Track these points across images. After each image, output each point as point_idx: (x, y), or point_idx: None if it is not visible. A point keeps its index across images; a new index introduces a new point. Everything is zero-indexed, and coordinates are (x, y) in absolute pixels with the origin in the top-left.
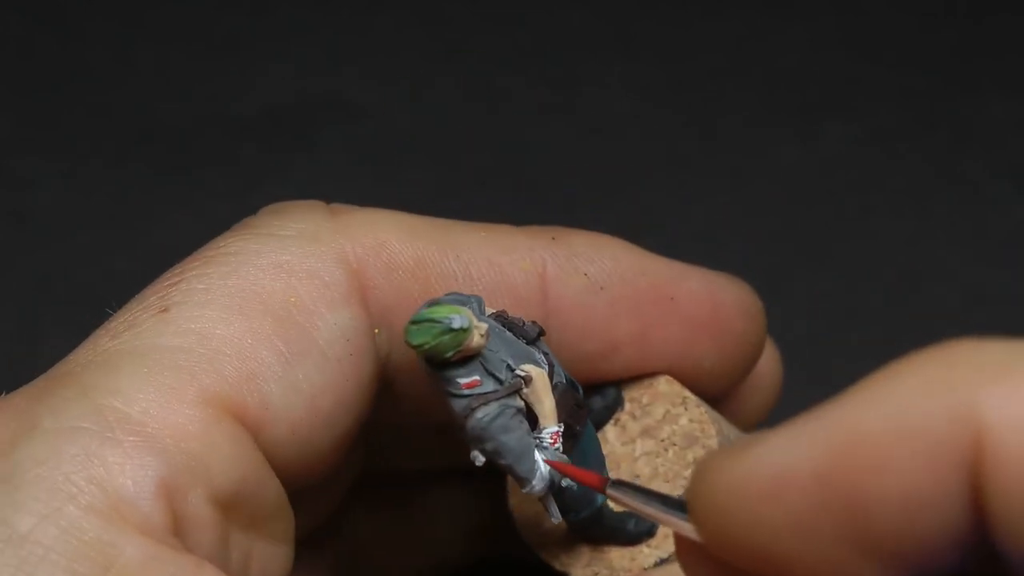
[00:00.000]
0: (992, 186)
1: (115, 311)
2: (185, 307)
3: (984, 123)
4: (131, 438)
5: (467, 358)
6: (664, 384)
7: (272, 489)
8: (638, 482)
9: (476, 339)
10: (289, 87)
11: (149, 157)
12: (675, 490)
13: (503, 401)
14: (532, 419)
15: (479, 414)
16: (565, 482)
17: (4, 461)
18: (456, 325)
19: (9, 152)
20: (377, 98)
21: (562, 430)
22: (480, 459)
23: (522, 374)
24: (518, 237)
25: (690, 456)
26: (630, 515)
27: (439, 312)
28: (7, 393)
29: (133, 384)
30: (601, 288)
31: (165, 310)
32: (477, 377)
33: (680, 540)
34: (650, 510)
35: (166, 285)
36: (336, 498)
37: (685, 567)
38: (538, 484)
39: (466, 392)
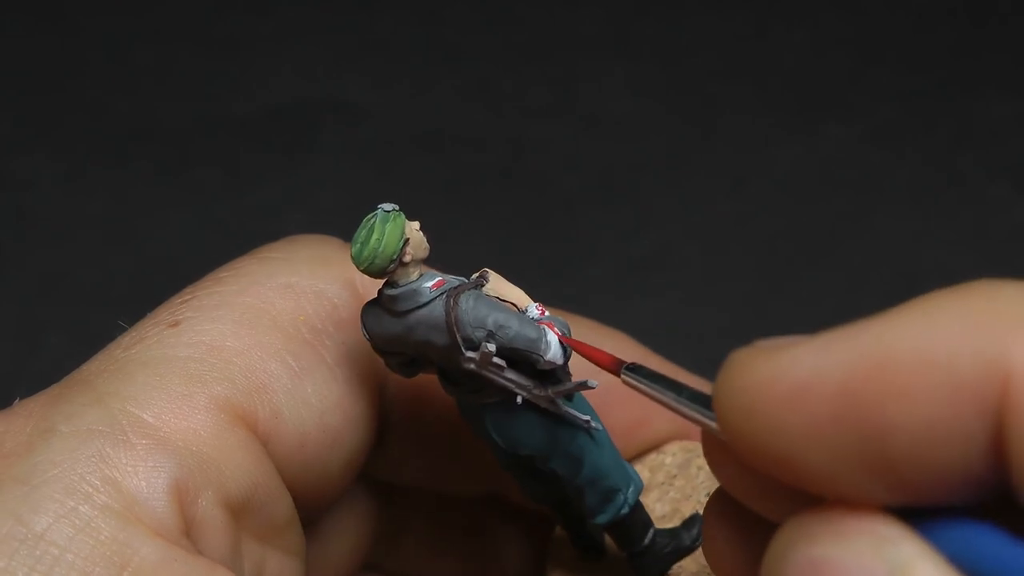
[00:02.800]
0: (992, 186)
1: (127, 325)
2: (195, 321)
3: (984, 123)
4: (144, 441)
5: (424, 271)
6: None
7: (283, 500)
8: (666, 521)
9: (414, 233)
10: (289, 87)
11: (149, 157)
12: (700, 502)
13: (475, 291)
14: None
15: (463, 300)
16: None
17: (21, 463)
18: (388, 208)
19: (9, 152)
20: (377, 98)
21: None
22: (491, 346)
23: (476, 274)
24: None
25: (693, 469)
26: (683, 528)
27: (364, 219)
28: (21, 399)
29: (146, 391)
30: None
31: (176, 324)
32: (440, 278)
33: (705, 431)
34: (666, 399)
35: (178, 302)
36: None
37: (709, 459)
38: (554, 346)
39: (436, 292)
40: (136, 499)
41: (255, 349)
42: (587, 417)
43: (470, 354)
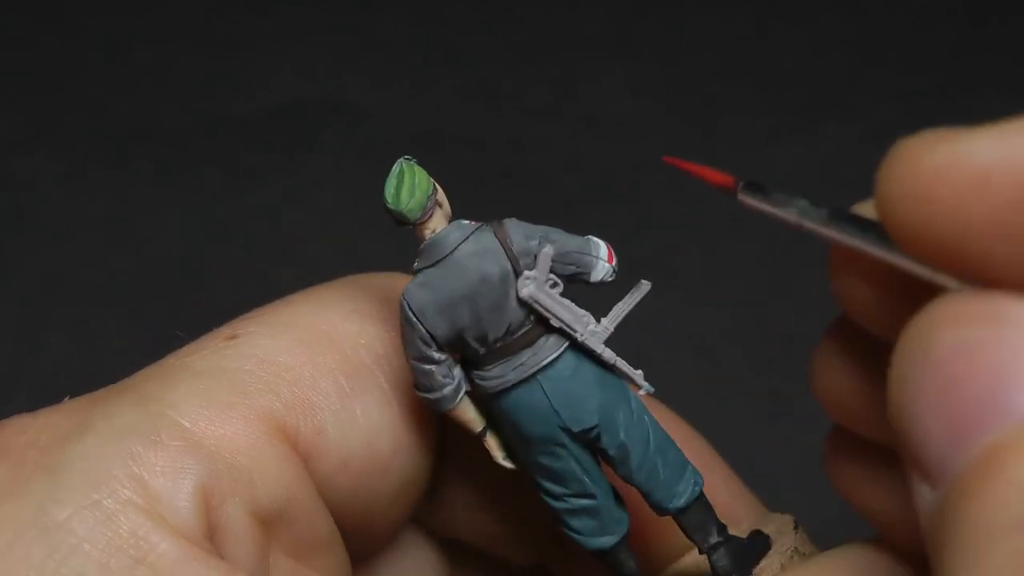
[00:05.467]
0: None
1: (185, 336)
2: (254, 336)
3: (984, 123)
4: (176, 443)
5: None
6: None
7: (321, 519)
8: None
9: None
10: (289, 87)
11: (149, 157)
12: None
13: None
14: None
15: (507, 221)
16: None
17: (53, 455)
18: (409, 157)
19: (9, 152)
20: (377, 98)
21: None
22: (548, 248)
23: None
24: None
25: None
26: (756, 534)
27: (391, 171)
28: (71, 398)
29: (188, 397)
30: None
31: (234, 337)
32: (468, 222)
33: (835, 256)
34: (788, 216)
35: (242, 319)
36: None
37: (837, 280)
38: (603, 247)
39: (473, 226)
40: (160, 497)
41: (307, 367)
42: (639, 371)
43: (529, 274)
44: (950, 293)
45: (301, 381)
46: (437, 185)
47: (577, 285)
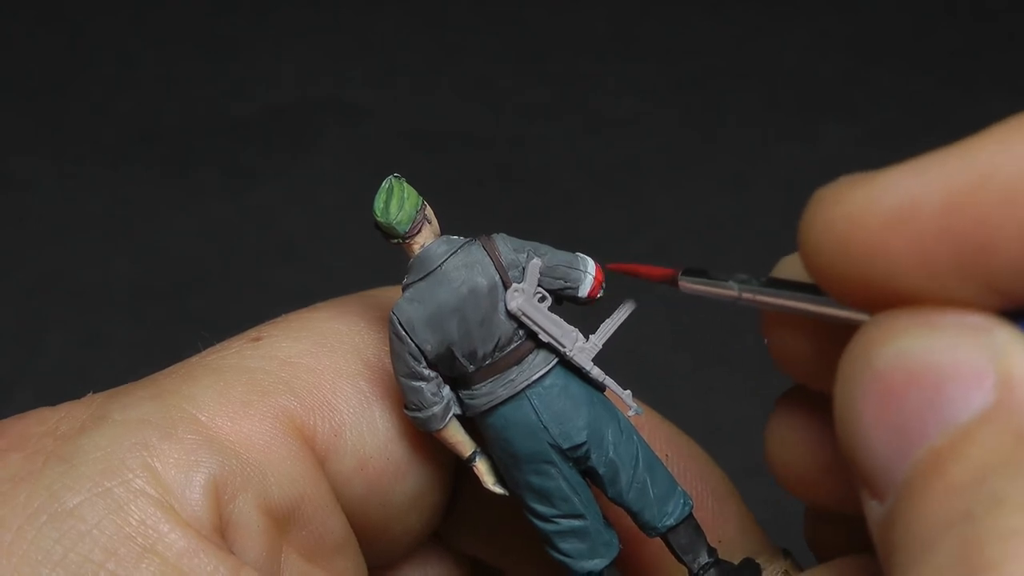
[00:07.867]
0: None
1: (210, 337)
2: (277, 339)
3: (984, 123)
4: (191, 436)
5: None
6: None
7: (335, 520)
8: None
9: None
10: (290, 88)
11: (149, 157)
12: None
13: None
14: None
15: (495, 235)
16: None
17: (68, 444)
18: (398, 175)
19: (9, 152)
20: (377, 98)
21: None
22: (536, 259)
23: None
24: None
25: None
26: (748, 560)
27: (380, 188)
28: (93, 392)
29: (207, 393)
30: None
31: (258, 339)
32: (456, 238)
33: (767, 316)
34: (727, 292)
35: (269, 323)
36: None
37: (771, 342)
38: (591, 264)
39: (461, 240)
40: (172, 489)
41: (328, 370)
42: (627, 391)
43: (517, 286)
44: (886, 312)
45: (322, 384)
46: (425, 202)
47: (567, 305)
